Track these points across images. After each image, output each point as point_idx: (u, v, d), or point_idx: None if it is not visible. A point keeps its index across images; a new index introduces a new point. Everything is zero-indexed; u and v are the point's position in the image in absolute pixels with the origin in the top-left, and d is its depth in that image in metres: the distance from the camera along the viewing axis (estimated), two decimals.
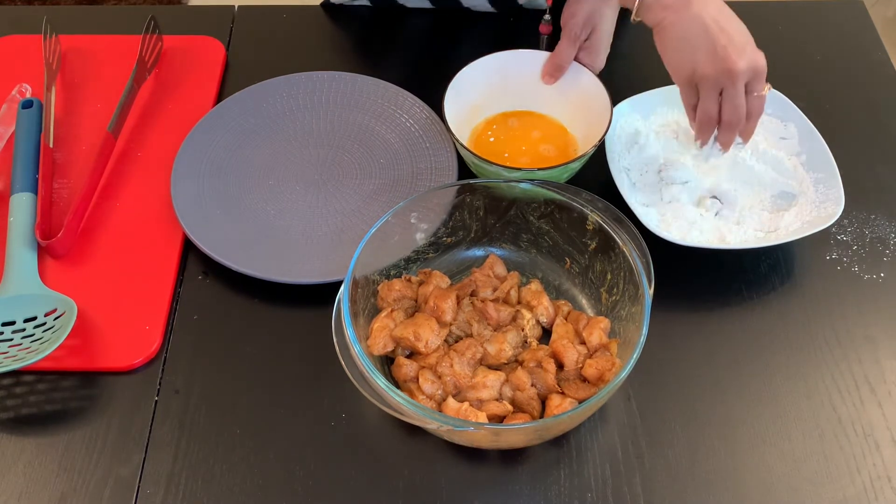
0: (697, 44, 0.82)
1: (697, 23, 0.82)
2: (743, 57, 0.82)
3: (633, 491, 0.74)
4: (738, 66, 0.82)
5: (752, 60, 0.83)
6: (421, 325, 0.77)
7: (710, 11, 0.83)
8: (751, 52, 0.83)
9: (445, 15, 1.13)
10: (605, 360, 0.75)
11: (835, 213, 0.86)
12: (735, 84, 0.83)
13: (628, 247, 0.77)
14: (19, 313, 0.82)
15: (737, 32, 0.83)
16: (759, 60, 0.83)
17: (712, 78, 0.83)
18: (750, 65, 0.82)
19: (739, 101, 0.84)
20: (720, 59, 0.82)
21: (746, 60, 0.82)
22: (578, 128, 0.96)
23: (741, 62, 0.82)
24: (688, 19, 0.82)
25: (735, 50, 0.81)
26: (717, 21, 0.82)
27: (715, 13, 0.83)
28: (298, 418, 0.78)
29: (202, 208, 0.91)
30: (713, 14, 0.82)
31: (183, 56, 1.08)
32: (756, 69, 0.83)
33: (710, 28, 0.82)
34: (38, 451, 0.77)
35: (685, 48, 0.83)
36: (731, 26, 0.83)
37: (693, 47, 0.83)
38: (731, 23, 0.83)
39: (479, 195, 0.84)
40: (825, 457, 0.76)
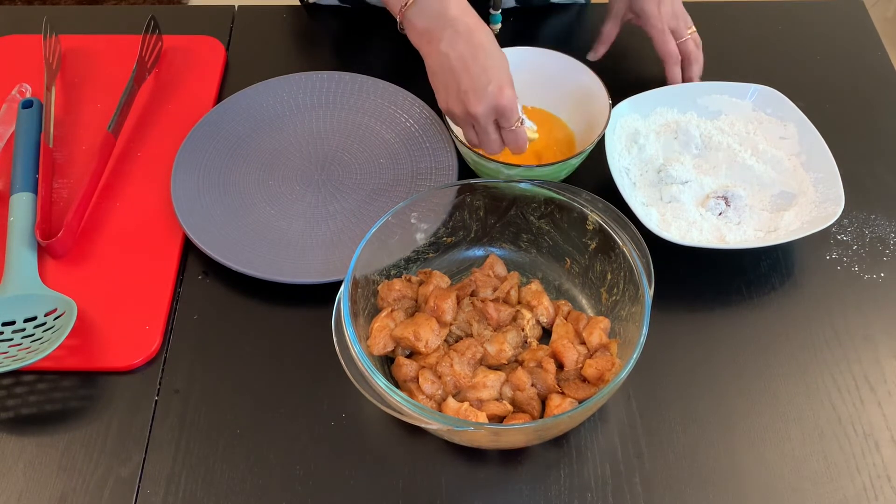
0: (445, 82, 0.84)
1: (443, 61, 0.83)
2: (481, 100, 0.81)
3: (633, 491, 0.74)
4: (477, 111, 0.82)
5: (491, 102, 0.82)
6: (421, 325, 0.77)
7: (458, 49, 0.82)
8: (492, 91, 0.81)
9: None
10: (605, 360, 0.75)
11: (835, 213, 0.86)
12: (480, 124, 0.84)
13: (628, 247, 0.77)
14: (19, 313, 0.82)
15: (480, 71, 0.82)
16: (500, 101, 0.82)
17: (461, 117, 0.85)
18: (489, 107, 0.82)
19: (492, 138, 0.85)
20: (461, 101, 0.83)
21: (484, 104, 0.82)
22: (578, 124, 0.96)
23: (479, 107, 0.82)
24: (436, 56, 0.83)
25: (474, 94, 0.81)
26: (463, 59, 0.82)
27: (462, 51, 0.82)
28: (298, 418, 0.78)
29: (202, 208, 0.91)
30: (460, 52, 0.82)
31: (183, 56, 1.08)
32: (498, 109, 0.82)
33: (454, 68, 0.82)
34: (38, 451, 0.77)
35: (437, 83, 0.85)
36: (475, 66, 0.82)
37: (443, 86, 0.84)
38: (477, 61, 0.82)
39: (479, 195, 0.84)
40: (825, 457, 0.76)
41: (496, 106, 0.82)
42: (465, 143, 0.89)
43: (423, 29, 0.83)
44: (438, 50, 0.83)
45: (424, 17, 0.83)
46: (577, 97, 0.96)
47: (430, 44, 0.83)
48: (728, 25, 1.13)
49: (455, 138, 0.91)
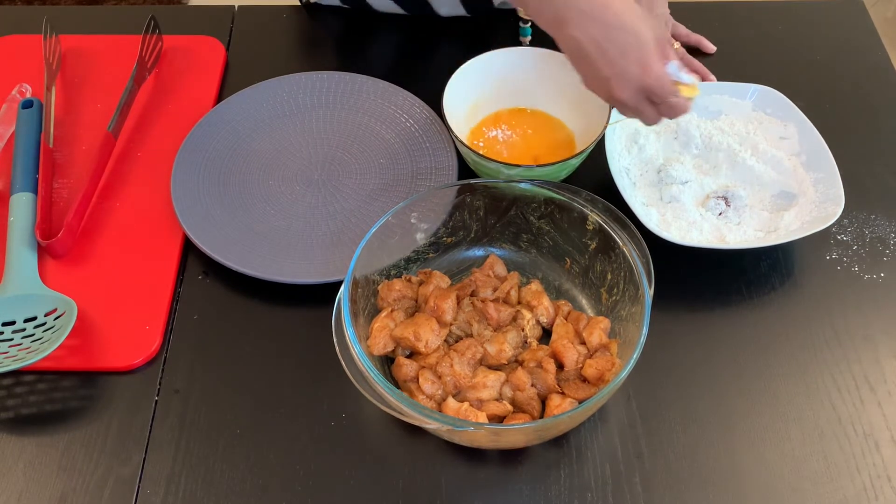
0: (584, 70, 0.78)
1: (575, 47, 0.76)
2: (625, 87, 0.76)
3: (633, 491, 0.74)
4: (623, 96, 0.77)
5: (637, 85, 0.76)
6: (421, 325, 0.77)
7: (590, 33, 0.74)
8: (636, 74, 0.75)
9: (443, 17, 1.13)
10: (605, 360, 0.75)
11: (835, 213, 0.86)
12: (630, 106, 0.78)
13: (628, 247, 0.77)
14: (19, 313, 0.82)
15: (618, 54, 0.75)
16: (646, 80, 0.75)
17: (606, 100, 0.80)
18: (636, 90, 0.76)
19: (648, 114, 0.79)
20: (604, 88, 0.77)
21: (630, 89, 0.76)
22: (577, 125, 0.97)
23: (624, 92, 0.76)
24: (567, 41, 0.76)
25: (616, 80, 0.75)
26: (597, 44, 0.74)
27: (594, 35, 0.74)
28: (298, 418, 0.78)
29: (202, 208, 0.91)
30: (592, 36, 0.74)
31: (183, 56, 1.08)
32: (646, 89, 0.76)
33: (589, 54, 0.75)
34: (38, 451, 0.77)
35: (579, 69, 0.78)
36: (610, 50, 0.74)
37: (583, 72, 0.78)
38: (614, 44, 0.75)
39: (479, 195, 0.84)
40: (825, 457, 0.76)
41: (643, 87, 0.76)
42: (464, 142, 0.89)
43: (551, 15, 0.76)
44: (568, 35, 0.75)
45: (548, 4, 0.75)
46: (577, 97, 0.95)
47: (560, 28, 0.76)
48: (728, 25, 1.13)
49: (455, 138, 0.91)
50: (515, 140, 0.96)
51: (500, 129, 0.97)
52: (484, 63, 0.95)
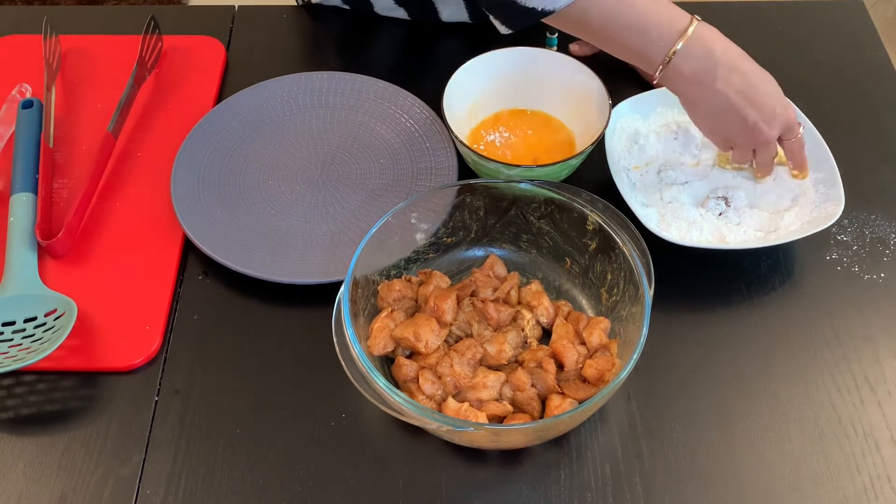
0: (727, 121, 0.83)
1: (723, 100, 0.81)
2: (773, 126, 0.83)
3: (633, 491, 0.74)
4: (770, 137, 0.84)
5: (782, 124, 0.84)
6: (421, 326, 0.77)
7: (735, 84, 0.81)
8: (781, 114, 0.83)
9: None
10: (605, 360, 0.75)
11: (835, 213, 0.86)
12: (769, 148, 0.85)
13: (628, 247, 0.77)
14: (19, 313, 0.82)
15: (765, 98, 0.82)
16: (789, 119, 0.84)
17: (745, 146, 0.85)
18: (780, 129, 0.84)
19: (772, 152, 0.87)
20: (751, 133, 0.83)
21: (777, 128, 0.83)
22: (577, 125, 0.97)
23: (773, 131, 0.83)
24: (714, 96, 0.81)
25: (765, 122, 0.82)
26: (744, 94, 0.81)
27: (739, 85, 0.81)
28: (298, 418, 0.78)
29: (202, 208, 0.91)
30: (738, 87, 0.81)
31: (183, 56, 1.08)
32: (787, 126, 0.84)
33: (737, 105, 0.81)
34: (38, 451, 0.77)
35: (715, 123, 0.84)
36: (758, 96, 0.81)
37: (723, 123, 0.84)
38: (758, 91, 0.82)
39: (479, 195, 0.84)
40: (825, 457, 0.76)
41: (786, 125, 0.84)
42: (464, 142, 0.89)
43: (691, 73, 0.81)
44: (715, 90, 0.81)
45: (691, 61, 0.80)
46: (577, 97, 0.96)
47: (702, 85, 0.81)
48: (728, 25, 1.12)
49: (455, 138, 0.91)
50: (515, 141, 0.96)
51: (498, 132, 0.97)
52: (484, 63, 0.95)
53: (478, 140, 0.96)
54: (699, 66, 0.80)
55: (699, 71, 0.80)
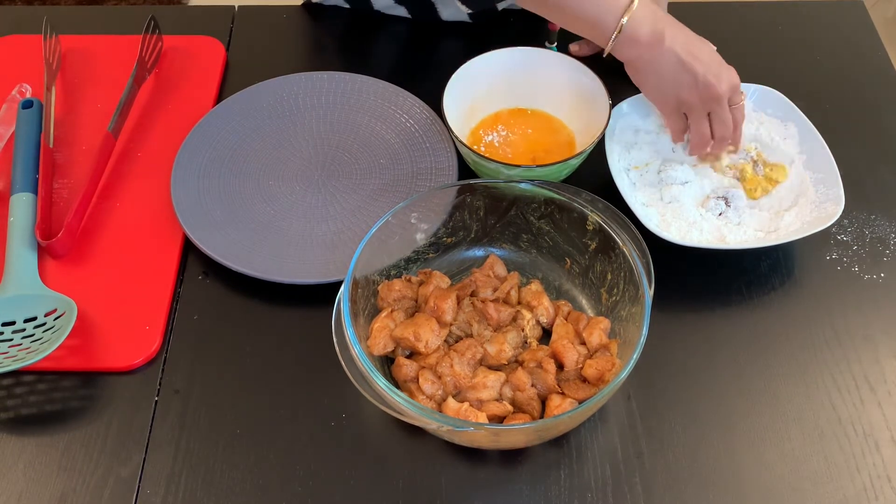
0: (678, 78, 0.85)
1: (672, 57, 0.84)
2: (722, 80, 0.85)
3: (633, 491, 0.74)
4: (721, 90, 0.85)
5: (729, 80, 0.86)
6: (421, 326, 0.77)
7: (681, 42, 0.84)
8: (725, 72, 0.86)
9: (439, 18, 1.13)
10: (605, 360, 0.75)
11: (835, 213, 0.86)
12: (721, 105, 0.87)
13: (628, 247, 0.77)
14: (19, 313, 0.82)
15: (708, 56, 0.85)
16: (733, 78, 0.87)
17: (699, 105, 0.87)
18: (729, 84, 0.86)
19: (727, 117, 0.88)
20: (703, 87, 0.85)
21: (726, 82, 0.86)
22: (577, 125, 0.97)
23: (722, 85, 0.85)
24: (662, 55, 0.84)
25: (713, 75, 0.85)
26: (690, 51, 0.84)
27: (684, 42, 0.85)
28: (298, 418, 0.78)
29: (202, 208, 0.91)
30: (683, 44, 0.84)
31: (183, 56, 1.08)
32: (734, 86, 0.87)
33: (685, 60, 0.84)
34: (38, 451, 0.77)
35: (666, 83, 0.87)
36: (702, 52, 0.85)
37: (674, 82, 0.86)
38: (701, 48, 0.86)
39: (479, 195, 0.84)
40: (825, 457, 0.76)
41: (733, 83, 0.86)
42: (464, 142, 0.89)
43: (643, 36, 0.84)
44: (663, 49, 0.84)
45: (642, 26, 0.83)
46: (577, 97, 0.96)
47: (653, 48, 0.84)
48: (728, 25, 1.13)
49: (455, 138, 0.91)
50: (514, 139, 0.96)
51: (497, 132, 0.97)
52: (484, 63, 0.95)
53: (478, 140, 0.96)
54: (649, 30, 0.84)
55: (649, 34, 0.84)
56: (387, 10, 1.12)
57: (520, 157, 0.94)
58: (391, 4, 1.11)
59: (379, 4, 1.11)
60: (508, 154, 0.95)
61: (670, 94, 0.87)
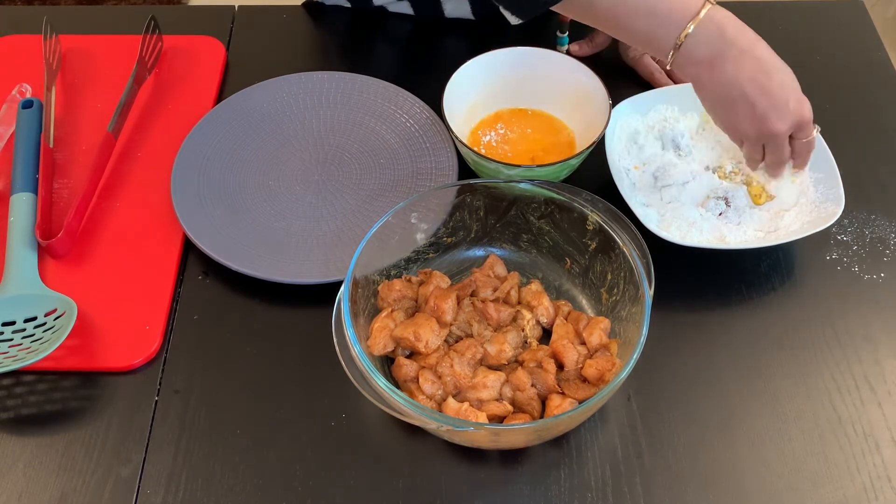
0: (736, 108, 0.79)
1: (734, 85, 0.78)
2: (784, 118, 0.79)
3: (633, 491, 0.74)
4: (778, 129, 0.79)
5: (794, 118, 0.80)
6: (421, 326, 0.77)
7: (748, 69, 0.78)
8: (794, 107, 0.79)
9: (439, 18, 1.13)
10: (605, 360, 0.75)
11: (835, 213, 0.86)
12: (779, 142, 0.81)
13: (628, 247, 0.77)
14: (19, 313, 0.82)
15: (778, 88, 0.78)
16: (803, 114, 0.80)
17: (754, 137, 0.82)
18: (792, 123, 0.80)
19: (782, 151, 0.83)
20: (760, 122, 0.79)
21: (787, 121, 0.79)
22: (577, 125, 0.97)
23: (781, 124, 0.79)
24: (724, 81, 0.78)
25: (775, 112, 0.78)
26: (756, 80, 0.78)
27: (752, 71, 0.78)
28: (298, 418, 0.78)
29: (202, 208, 0.91)
30: (750, 72, 0.78)
31: (183, 56, 1.08)
32: (800, 123, 0.80)
33: (748, 92, 0.78)
34: (38, 451, 0.77)
35: (724, 109, 0.81)
36: (771, 84, 0.78)
37: (732, 110, 0.80)
38: (772, 78, 0.78)
39: (479, 195, 0.84)
40: (825, 457, 0.76)
41: (799, 121, 0.80)
42: (464, 142, 0.89)
43: (704, 56, 0.78)
44: (726, 76, 0.78)
45: (704, 45, 0.77)
46: (577, 97, 0.96)
47: (713, 70, 0.78)
48: None
49: (455, 138, 0.91)
50: (514, 137, 0.96)
51: (495, 131, 0.97)
52: (484, 63, 0.95)
53: (478, 140, 0.96)
54: (710, 50, 0.78)
55: (710, 55, 0.78)
56: (389, 6, 1.12)
57: (519, 157, 0.94)
58: (392, 1, 1.11)
59: (380, 0, 1.11)
60: (508, 154, 0.95)
61: (727, 120, 0.82)
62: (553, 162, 0.88)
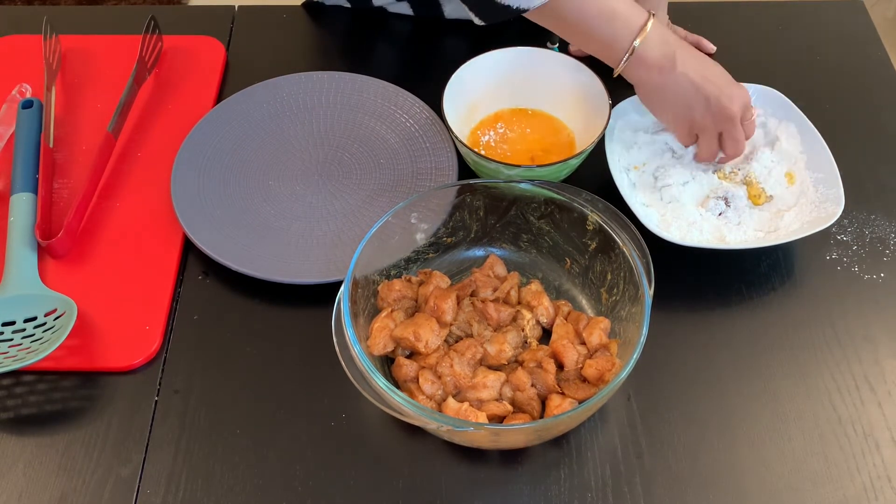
0: (690, 101, 0.86)
1: (684, 80, 0.85)
2: (734, 101, 0.85)
3: (633, 491, 0.74)
4: (734, 111, 0.86)
5: (741, 99, 0.86)
6: (421, 326, 0.77)
7: (693, 66, 0.85)
8: (737, 92, 0.86)
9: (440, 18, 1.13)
10: (605, 360, 0.75)
11: (835, 213, 0.86)
12: (734, 124, 0.87)
13: (628, 247, 0.77)
14: (19, 313, 0.82)
15: (719, 77, 0.86)
16: (745, 96, 0.87)
17: (711, 127, 0.87)
18: (741, 104, 0.86)
19: (739, 136, 0.89)
20: (716, 109, 0.85)
21: (737, 102, 0.86)
22: (577, 125, 0.97)
23: (734, 106, 0.85)
24: (675, 79, 0.85)
25: (726, 97, 0.85)
26: (702, 73, 0.85)
27: (696, 67, 0.85)
28: (298, 418, 0.78)
29: (202, 208, 0.91)
30: (695, 68, 0.85)
31: (183, 56, 1.08)
32: (745, 104, 0.87)
33: (698, 83, 0.84)
34: (38, 451, 0.77)
35: (679, 106, 0.87)
36: (713, 75, 0.85)
37: (686, 105, 0.86)
38: (712, 70, 0.86)
39: (479, 195, 0.84)
40: (825, 457, 0.76)
41: (745, 101, 0.87)
42: (464, 142, 0.89)
43: (654, 59, 0.84)
44: (676, 72, 0.84)
45: (653, 49, 0.84)
46: (577, 97, 0.96)
47: (664, 71, 0.84)
48: (728, 25, 1.13)
49: (455, 138, 0.91)
50: (513, 136, 0.96)
51: (495, 130, 0.97)
52: (484, 63, 0.95)
53: (478, 140, 0.96)
54: (659, 53, 0.84)
55: (660, 57, 0.84)
56: (388, 7, 1.12)
57: (519, 157, 0.94)
58: (392, 2, 1.11)
59: (380, 1, 1.11)
60: (508, 154, 0.95)
61: (683, 117, 0.87)
62: (553, 162, 0.88)
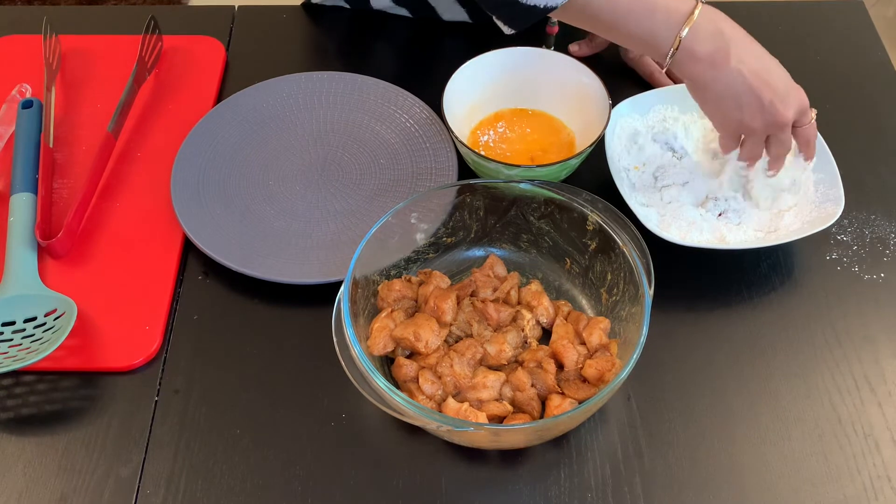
0: (742, 101, 0.80)
1: (738, 79, 0.79)
2: (789, 106, 0.80)
3: (633, 491, 0.74)
4: (787, 117, 0.81)
5: (797, 104, 0.81)
6: (421, 326, 0.77)
7: (749, 64, 0.79)
8: (794, 95, 0.81)
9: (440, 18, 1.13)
10: (605, 360, 0.75)
11: (835, 213, 0.86)
12: (784, 130, 0.82)
13: (628, 247, 0.77)
14: (19, 313, 0.82)
15: (778, 79, 0.80)
16: (802, 100, 0.82)
17: (761, 131, 0.82)
18: (797, 109, 0.81)
19: (787, 140, 0.84)
20: (768, 114, 0.80)
21: (793, 108, 0.81)
22: (577, 125, 0.97)
23: (789, 112, 0.80)
24: (728, 76, 0.79)
25: (781, 102, 0.79)
26: (758, 73, 0.79)
27: (753, 64, 0.79)
28: (298, 418, 0.78)
29: (202, 208, 0.91)
30: (752, 66, 0.79)
31: (183, 56, 1.08)
32: (801, 109, 0.82)
33: (753, 84, 0.79)
34: (38, 451, 0.77)
35: (729, 105, 0.81)
36: (771, 76, 0.80)
37: (738, 105, 0.80)
38: (771, 71, 0.80)
39: (479, 195, 0.84)
40: (825, 457, 0.76)
41: (802, 107, 0.81)
42: (464, 143, 0.89)
43: (704, 53, 0.78)
44: (730, 70, 0.78)
45: (702, 41, 0.78)
46: (577, 97, 0.96)
47: (715, 66, 0.78)
48: None
49: (455, 138, 0.91)
50: (512, 136, 0.96)
51: (494, 130, 0.97)
52: (484, 63, 0.95)
53: (477, 140, 0.96)
54: (711, 47, 0.78)
55: (712, 51, 0.78)
56: (387, 10, 1.12)
57: (519, 157, 0.94)
58: (391, 5, 1.11)
59: (378, 4, 1.11)
60: (508, 154, 0.95)
61: (732, 117, 0.82)
62: (553, 162, 0.88)
